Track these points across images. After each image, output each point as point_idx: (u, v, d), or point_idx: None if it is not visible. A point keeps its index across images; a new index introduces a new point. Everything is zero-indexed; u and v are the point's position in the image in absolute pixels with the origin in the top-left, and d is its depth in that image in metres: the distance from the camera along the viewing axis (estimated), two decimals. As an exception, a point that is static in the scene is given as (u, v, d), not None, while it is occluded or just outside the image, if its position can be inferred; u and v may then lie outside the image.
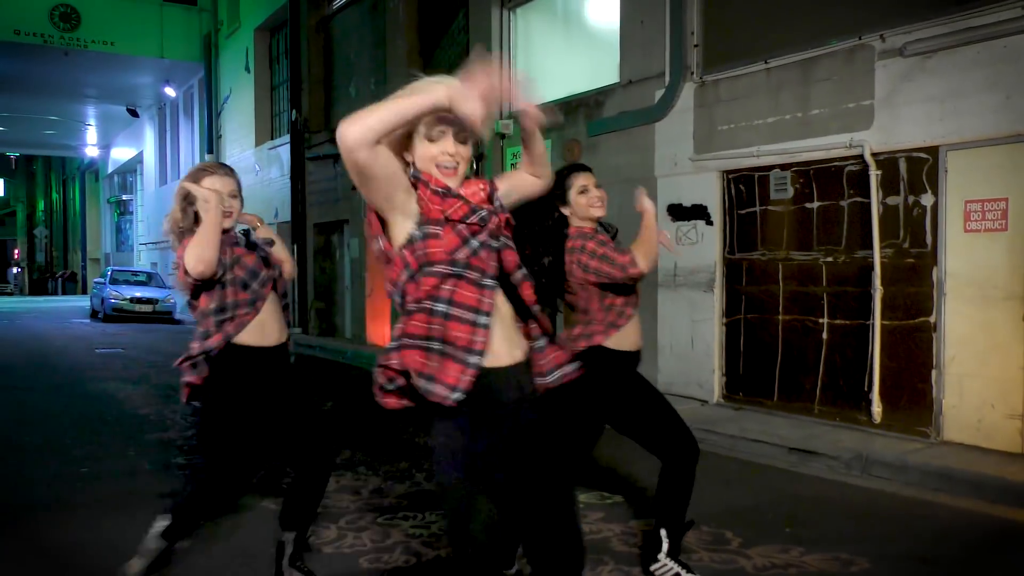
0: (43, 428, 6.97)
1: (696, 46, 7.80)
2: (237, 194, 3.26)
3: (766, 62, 7.10)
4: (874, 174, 6.30)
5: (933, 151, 5.99)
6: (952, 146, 5.87)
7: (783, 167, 7.05)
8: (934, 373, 6.01)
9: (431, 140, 2.22)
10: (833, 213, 6.71)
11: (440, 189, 2.20)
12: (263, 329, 3.23)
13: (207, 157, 21.08)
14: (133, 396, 8.73)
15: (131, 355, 13.01)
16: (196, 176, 3.22)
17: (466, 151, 2.26)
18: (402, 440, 6.33)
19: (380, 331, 13.51)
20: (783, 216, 7.12)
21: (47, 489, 5.04)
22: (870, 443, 5.96)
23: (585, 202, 3.38)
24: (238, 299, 3.16)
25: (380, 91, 13.33)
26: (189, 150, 24.12)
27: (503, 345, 2.25)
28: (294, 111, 15.78)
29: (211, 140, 21.04)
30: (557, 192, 3.35)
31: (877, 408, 6.31)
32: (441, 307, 2.15)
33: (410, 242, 2.17)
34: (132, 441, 6.38)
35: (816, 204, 6.85)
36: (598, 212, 3.40)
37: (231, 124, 20.21)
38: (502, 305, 2.28)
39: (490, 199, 2.32)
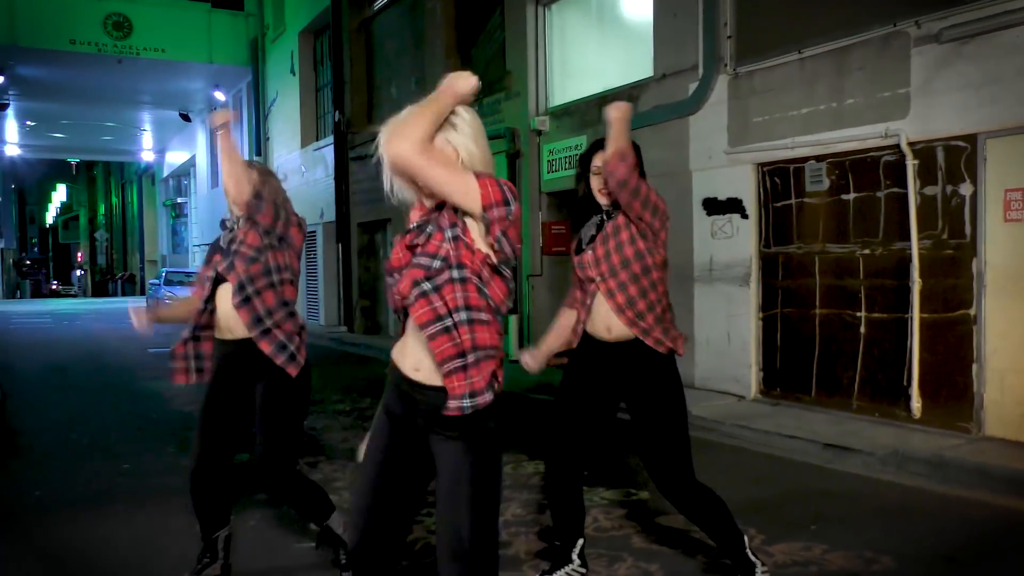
0: (91, 426, 7.19)
1: (729, 37, 7.71)
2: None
3: (799, 52, 6.98)
4: (911, 164, 6.15)
5: (971, 139, 5.83)
6: (991, 134, 5.71)
7: (818, 159, 6.93)
8: (975, 367, 5.85)
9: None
10: (869, 204, 6.58)
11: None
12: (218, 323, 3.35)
13: (256, 159, 21.49)
14: (180, 394, 8.92)
15: (181, 354, 13.29)
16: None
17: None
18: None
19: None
20: (819, 208, 7.00)
21: (87, 486, 5.21)
22: (908, 439, 5.84)
23: (595, 185, 3.16)
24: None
25: (420, 90, 13.45)
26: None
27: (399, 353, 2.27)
28: (337, 112, 15.98)
29: (259, 142, 21.44)
30: (582, 169, 3.20)
31: (916, 403, 6.17)
32: None
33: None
34: (173, 438, 6.54)
35: (852, 196, 6.72)
36: (602, 200, 3.14)
37: (278, 126, 20.56)
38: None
39: (419, 224, 2.21)
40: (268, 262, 3.27)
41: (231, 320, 3.27)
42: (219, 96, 23.96)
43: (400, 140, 2.05)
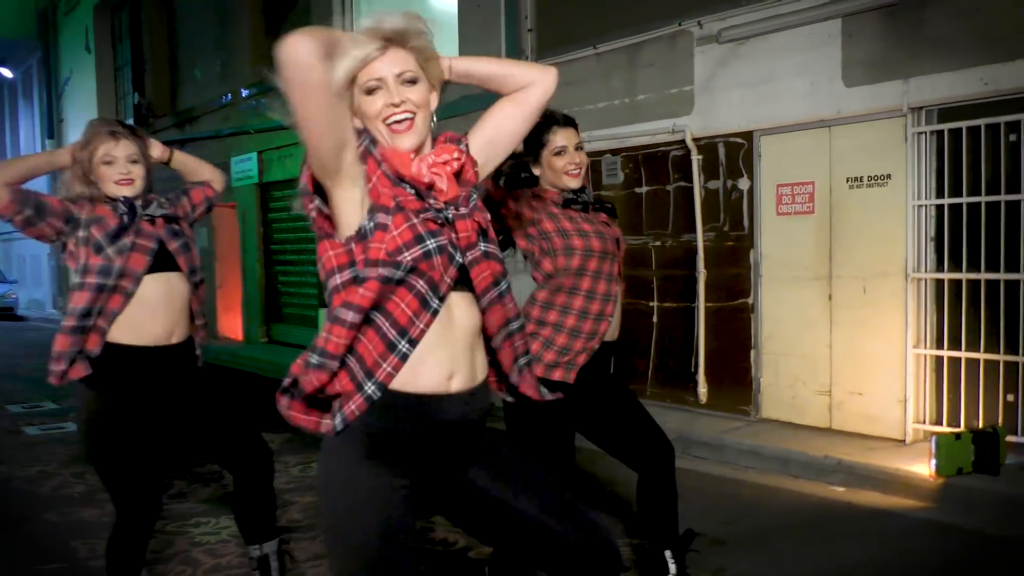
0: None
1: (530, 31, 7.76)
2: (138, 159, 2.77)
3: (595, 47, 7.10)
4: (695, 159, 6.40)
5: (748, 136, 6.12)
6: (764, 131, 6.02)
7: (614, 152, 7.09)
8: (752, 353, 6.18)
9: (369, 92, 1.74)
10: (661, 198, 6.80)
11: (391, 174, 1.73)
12: (140, 323, 2.70)
13: (48, 143, 19.79)
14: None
15: (-46, 356, 12.05)
16: (88, 138, 2.75)
17: (420, 93, 1.76)
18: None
19: (231, 324, 13.01)
20: (615, 201, 7.04)
21: None
22: (694, 423, 6.09)
23: (559, 166, 2.81)
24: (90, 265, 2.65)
25: (227, 73, 12.78)
26: (30, 134, 22.56)
27: (439, 369, 1.74)
28: (137, 94, 14.94)
29: (52, 124, 19.73)
30: (530, 146, 2.82)
31: (703, 389, 6.45)
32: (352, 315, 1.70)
33: (362, 236, 1.70)
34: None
35: (645, 189, 6.92)
36: (572, 182, 2.82)
37: (73, 107, 18.98)
38: (454, 330, 1.77)
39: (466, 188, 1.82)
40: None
41: (176, 321, 2.78)
42: (5, 72, 21.92)
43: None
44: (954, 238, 5.21)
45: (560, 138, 2.83)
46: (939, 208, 5.28)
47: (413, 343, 1.69)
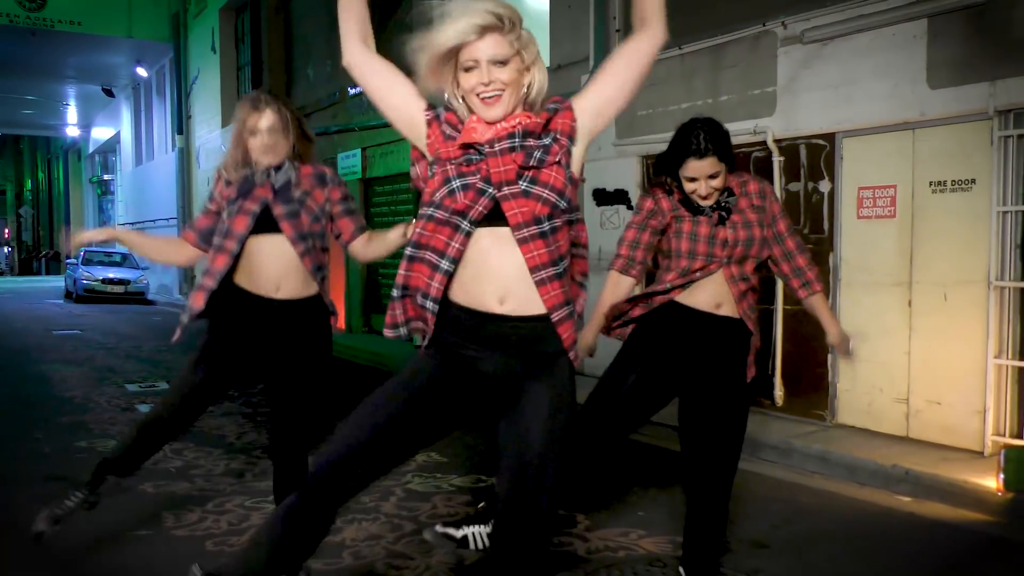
0: (-37, 411, 7.04)
1: (618, 31, 7.83)
2: (279, 128, 2.95)
3: (680, 48, 7.12)
4: (777, 160, 6.35)
5: (830, 138, 6.04)
6: (847, 133, 5.93)
7: (697, 153, 7.09)
8: (830, 358, 6.10)
9: (467, 70, 2.00)
10: (741, 199, 6.76)
11: (449, 130, 2.05)
12: (251, 274, 3.00)
13: (177, 138, 21.09)
14: (68, 378, 8.80)
15: (86, 336, 13.07)
16: (239, 112, 3.01)
17: (509, 73, 1.97)
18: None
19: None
20: (697, 201, 7.16)
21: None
22: (768, 426, 6.05)
23: (689, 189, 2.97)
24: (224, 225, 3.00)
25: (335, 74, 13.34)
26: (162, 130, 24.08)
27: (480, 290, 2.00)
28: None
29: (181, 120, 21.02)
30: (671, 159, 2.99)
31: (779, 392, 6.41)
32: (410, 250, 2.05)
33: (423, 184, 2.11)
34: (44, 423, 6.45)
35: (726, 190, 6.89)
36: (705, 203, 2.99)
37: (200, 104, 20.17)
38: (489, 257, 1.99)
39: (524, 134, 1.99)
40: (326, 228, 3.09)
41: (282, 276, 2.98)
42: (141, 72, 23.43)
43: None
44: (1041, 246, 5.02)
45: (690, 170, 2.94)
46: (1026, 214, 5.09)
47: (453, 261, 1.98)
